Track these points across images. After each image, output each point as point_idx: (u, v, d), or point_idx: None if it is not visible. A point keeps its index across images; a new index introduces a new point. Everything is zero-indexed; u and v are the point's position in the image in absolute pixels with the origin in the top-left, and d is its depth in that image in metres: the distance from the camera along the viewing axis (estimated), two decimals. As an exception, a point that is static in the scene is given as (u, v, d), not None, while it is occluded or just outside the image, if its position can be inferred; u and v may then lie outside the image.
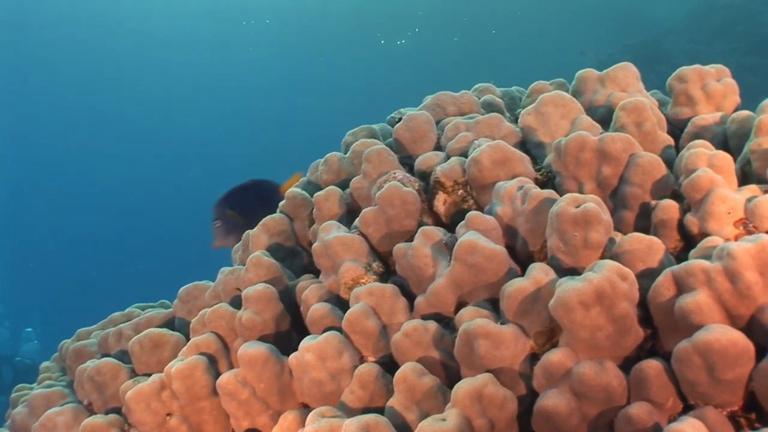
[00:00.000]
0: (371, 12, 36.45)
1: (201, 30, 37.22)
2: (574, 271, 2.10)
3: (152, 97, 40.86)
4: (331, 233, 2.56)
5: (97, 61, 37.42)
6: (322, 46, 39.40)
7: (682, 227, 2.24)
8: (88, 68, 37.67)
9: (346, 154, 3.13)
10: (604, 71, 3.01)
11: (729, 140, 2.59)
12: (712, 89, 2.80)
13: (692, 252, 2.01)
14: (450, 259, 2.26)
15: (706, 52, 18.70)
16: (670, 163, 2.50)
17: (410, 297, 2.41)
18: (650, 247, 2.04)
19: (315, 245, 2.59)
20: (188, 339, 2.93)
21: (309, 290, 2.54)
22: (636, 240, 2.05)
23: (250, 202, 3.66)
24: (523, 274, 2.13)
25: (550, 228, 2.15)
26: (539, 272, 2.04)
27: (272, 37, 38.39)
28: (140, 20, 35.79)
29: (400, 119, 3.21)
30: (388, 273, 2.58)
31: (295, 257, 3.01)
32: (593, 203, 2.08)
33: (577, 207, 2.08)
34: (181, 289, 3.29)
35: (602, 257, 2.09)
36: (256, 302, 2.57)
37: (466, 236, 2.19)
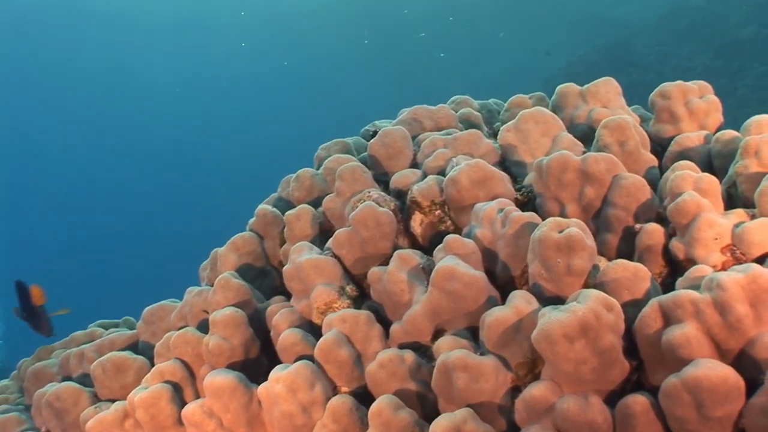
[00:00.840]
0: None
1: (196, 22, 36.96)
2: (557, 299, 2.04)
3: (152, 95, 40.66)
4: (302, 255, 2.48)
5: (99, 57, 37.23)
6: (327, 44, 39.31)
7: (667, 252, 2.20)
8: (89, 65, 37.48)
9: (318, 169, 3.06)
10: (586, 86, 2.97)
11: (713, 160, 2.55)
12: (696, 106, 2.77)
13: (679, 281, 1.96)
14: (427, 284, 2.19)
15: (675, 54, 19.20)
16: (654, 184, 2.46)
17: (386, 323, 2.34)
18: (636, 275, 1.99)
19: (286, 268, 2.51)
20: (152, 363, 2.84)
21: (280, 315, 2.45)
22: (621, 267, 1.99)
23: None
24: (503, 300, 2.07)
25: (531, 253, 2.09)
26: (521, 301, 1.98)
27: (268, 32, 38.26)
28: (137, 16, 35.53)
29: (374, 133, 3.14)
30: (362, 297, 2.51)
31: (266, 277, 2.92)
32: (577, 228, 2.02)
33: (560, 232, 2.02)
34: (146, 309, 3.19)
35: (586, 284, 2.04)
36: (223, 327, 2.48)
37: (444, 262, 2.12)
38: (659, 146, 2.86)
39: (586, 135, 2.82)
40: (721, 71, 17.00)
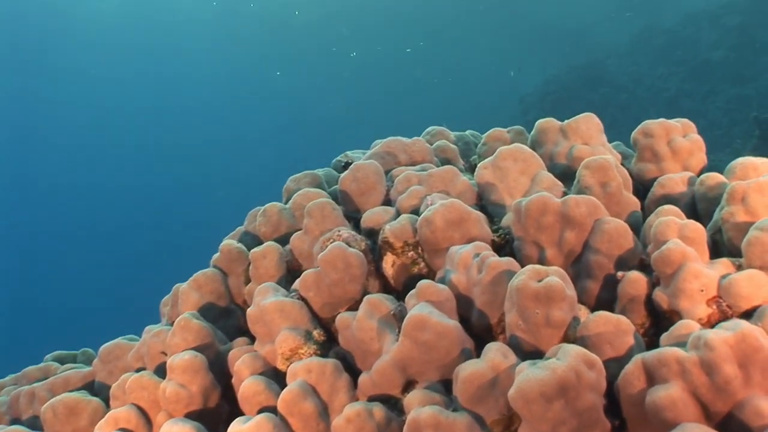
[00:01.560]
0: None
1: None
2: (536, 352, 1.95)
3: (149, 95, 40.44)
4: (267, 298, 2.37)
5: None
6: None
7: (650, 302, 2.12)
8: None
9: (287, 203, 2.96)
10: (566, 122, 2.91)
11: (698, 203, 2.49)
12: (679, 146, 2.72)
13: (664, 337, 1.88)
14: (398, 332, 2.10)
15: (648, 74, 19.77)
16: (636, 228, 2.39)
17: (354, 372, 2.24)
18: (618, 329, 1.91)
19: (250, 310, 2.40)
20: (108, 404, 2.71)
21: (242, 361, 2.34)
22: (603, 320, 1.92)
23: None
24: (479, 351, 1.98)
25: (509, 302, 2.01)
26: (497, 354, 1.89)
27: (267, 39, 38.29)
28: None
29: (346, 164, 3.05)
30: (330, 341, 2.41)
31: (229, 317, 2.81)
32: (557, 278, 1.94)
33: (540, 281, 1.94)
34: (102, 347, 3.06)
35: (565, 336, 1.96)
36: (182, 373, 2.37)
37: (416, 310, 2.03)
38: (641, 185, 2.80)
39: (566, 173, 2.76)
40: (692, 93, 17.45)
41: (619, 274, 2.18)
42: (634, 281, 2.13)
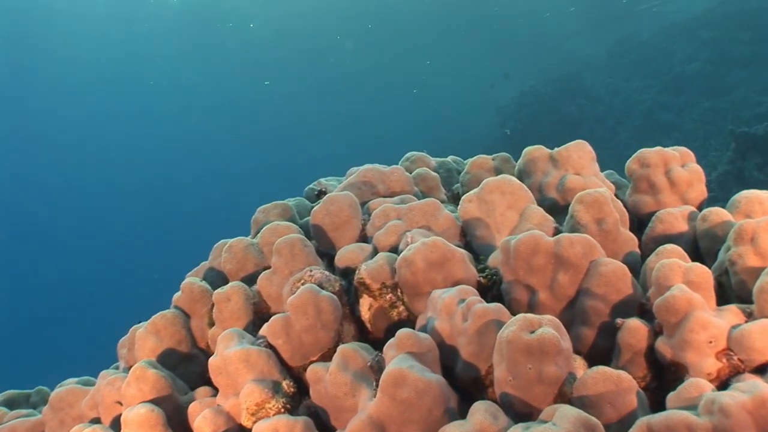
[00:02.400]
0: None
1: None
2: (527, 412, 1.79)
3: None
4: (231, 346, 2.18)
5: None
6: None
7: (651, 352, 1.97)
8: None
9: (255, 237, 2.77)
10: (557, 150, 2.76)
11: (699, 240, 2.35)
12: (677, 176, 2.58)
13: (672, 397, 1.72)
14: (376, 386, 1.92)
15: (625, 87, 20.36)
16: (634, 269, 2.24)
17: (327, 430, 2.06)
18: (619, 386, 1.74)
19: (212, 360, 2.21)
20: (58, 459, 2.51)
21: (203, 417, 2.15)
22: (602, 377, 1.75)
23: None
24: (464, 409, 1.81)
25: (498, 355, 1.84)
26: (485, 416, 1.72)
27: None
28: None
29: (320, 192, 2.88)
30: (301, 393, 2.22)
31: (191, 363, 2.61)
32: (551, 329, 1.78)
33: (532, 333, 1.78)
34: (53, 393, 2.85)
35: (561, 394, 1.80)
36: (137, 429, 2.17)
37: (395, 364, 1.85)
38: (635, 218, 2.66)
39: (557, 206, 2.61)
40: (668, 105, 17.83)
41: (618, 321, 2.03)
42: (635, 330, 1.97)
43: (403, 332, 1.96)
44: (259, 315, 2.48)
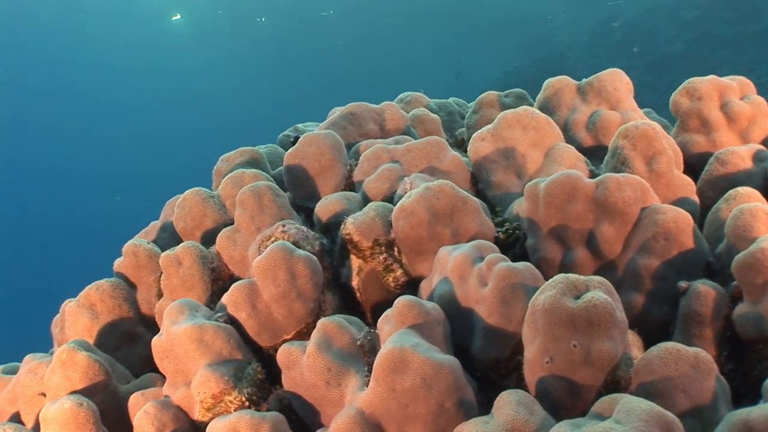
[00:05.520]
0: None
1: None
2: (572, 406, 1.43)
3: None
4: (180, 321, 1.82)
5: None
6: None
7: (726, 324, 1.63)
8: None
9: (217, 189, 2.40)
10: (585, 80, 2.45)
11: (771, 183, 2.01)
12: (736, 110, 2.27)
13: (768, 385, 1.36)
14: (368, 373, 1.62)
15: (609, 67, 20.58)
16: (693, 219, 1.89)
17: (304, 428, 1.74)
18: (696, 368, 1.41)
19: (156, 339, 1.87)
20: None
21: (144, 413, 1.80)
22: (673, 356, 1.41)
23: None
24: (486, 405, 1.49)
25: (530, 329, 1.51)
26: (517, 411, 1.38)
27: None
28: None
29: (295, 140, 2.51)
30: (272, 379, 1.89)
31: (136, 343, 2.31)
32: (602, 292, 1.43)
33: (577, 298, 1.42)
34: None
35: (613, 378, 1.44)
36: (60, 429, 1.82)
37: (394, 342, 1.51)
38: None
39: (586, 149, 2.29)
40: (653, 86, 18.40)
41: (682, 284, 1.73)
42: (704, 295, 1.67)
43: (403, 300, 1.66)
44: (219, 283, 2.18)
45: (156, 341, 1.88)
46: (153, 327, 2.36)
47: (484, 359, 1.70)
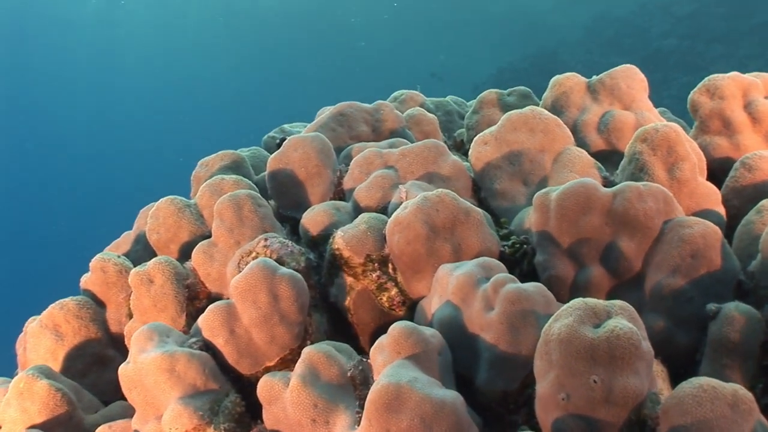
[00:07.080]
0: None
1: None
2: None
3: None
4: (148, 350, 1.68)
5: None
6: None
7: (763, 352, 1.50)
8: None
9: (194, 197, 2.25)
10: (596, 78, 2.31)
11: (806, 194, 1.87)
12: (762, 110, 2.17)
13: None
14: (359, 409, 1.51)
15: (601, 63, 22.30)
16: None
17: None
18: (735, 407, 1.26)
19: (123, 368, 1.73)
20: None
21: (109, 450, 1.63)
22: (709, 395, 1.28)
23: None
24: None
25: (544, 360, 1.38)
26: (530, 459, 1.21)
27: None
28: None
29: (281, 141, 2.36)
30: (253, 412, 1.74)
31: (105, 367, 2.18)
32: (625, 320, 1.29)
33: (597, 327, 1.28)
34: None
35: (638, 416, 1.30)
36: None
37: (389, 376, 1.37)
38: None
39: (597, 152, 2.14)
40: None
41: (711, 307, 1.55)
42: (736, 320, 1.52)
43: (398, 328, 1.53)
44: (195, 302, 2.03)
45: (123, 370, 1.74)
46: (124, 349, 2.22)
47: (491, 392, 1.58)
